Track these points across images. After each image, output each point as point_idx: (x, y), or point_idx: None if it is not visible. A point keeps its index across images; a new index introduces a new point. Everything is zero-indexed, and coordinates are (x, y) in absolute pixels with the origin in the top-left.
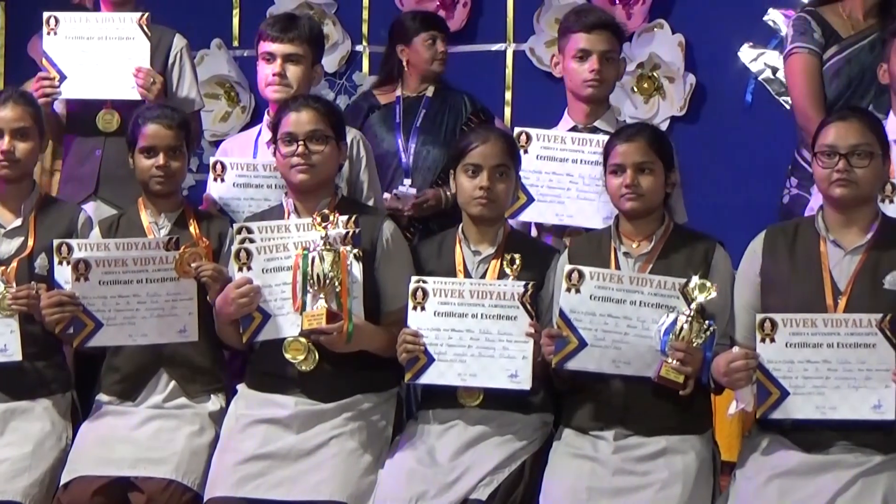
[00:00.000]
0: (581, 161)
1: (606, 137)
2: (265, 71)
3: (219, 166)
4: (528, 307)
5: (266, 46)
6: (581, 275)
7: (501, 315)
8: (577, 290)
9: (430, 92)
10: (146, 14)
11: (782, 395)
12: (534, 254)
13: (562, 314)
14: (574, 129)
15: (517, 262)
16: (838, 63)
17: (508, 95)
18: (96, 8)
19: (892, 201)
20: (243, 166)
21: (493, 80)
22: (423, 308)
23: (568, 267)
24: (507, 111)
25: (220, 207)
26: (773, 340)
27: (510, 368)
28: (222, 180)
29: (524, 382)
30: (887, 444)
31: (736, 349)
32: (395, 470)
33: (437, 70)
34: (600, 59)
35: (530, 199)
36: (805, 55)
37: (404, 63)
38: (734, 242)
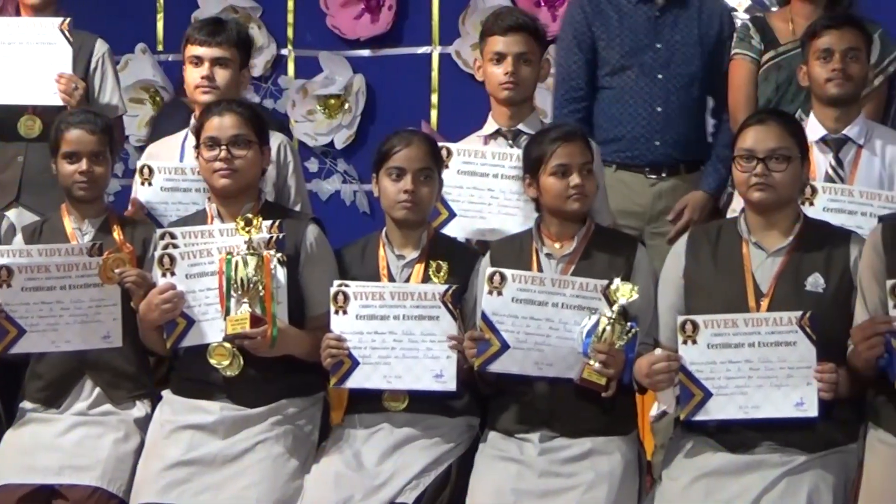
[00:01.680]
0: (502, 175)
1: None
2: (193, 74)
3: (146, 170)
4: (450, 307)
5: (193, 50)
6: (503, 277)
7: (424, 316)
8: (500, 293)
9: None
10: (68, 19)
11: (705, 396)
12: (458, 257)
13: (484, 317)
14: (498, 132)
15: (444, 269)
16: (768, 69)
17: (434, 98)
18: (17, 13)
19: (811, 203)
20: (171, 170)
21: (419, 82)
22: (344, 312)
23: (490, 270)
24: (434, 114)
25: (147, 212)
26: (694, 342)
27: (435, 369)
28: (150, 184)
29: (449, 382)
30: (811, 444)
31: (658, 351)
32: (321, 475)
33: None
34: (515, 61)
35: (452, 215)
36: (742, 61)
37: None
38: None
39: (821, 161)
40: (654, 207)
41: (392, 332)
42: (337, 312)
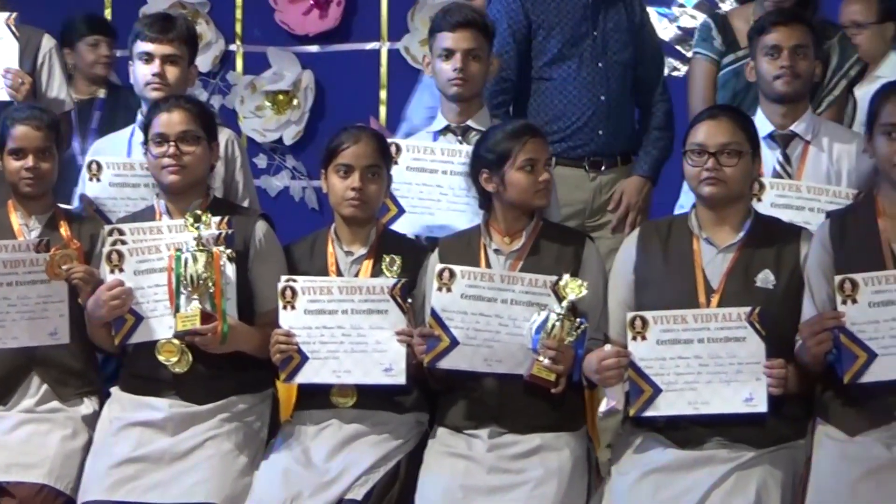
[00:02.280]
0: (451, 172)
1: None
2: (143, 71)
3: (94, 165)
4: (399, 300)
5: (143, 46)
6: (452, 274)
7: (372, 310)
8: (449, 289)
9: (101, 94)
10: (14, 14)
11: (654, 393)
12: (407, 253)
13: (433, 313)
14: (447, 128)
15: (397, 262)
16: (727, 75)
17: (383, 94)
18: None
19: (759, 199)
20: (120, 165)
21: (368, 78)
22: (293, 307)
23: (439, 266)
24: (383, 110)
25: (96, 207)
26: (644, 338)
27: (384, 362)
28: (98, 180)
29: (399, 376)
30: (760, 440)
31: (608, 347)
32: (270, 471)
33: (100, 73)
34: (464, 57)
35: (401, 211)
36: (703, 62)
37: (69, 66)
38: None
39: (768, 157)
40: (595, 202)
41: (341, 327)
42: (285, 308)
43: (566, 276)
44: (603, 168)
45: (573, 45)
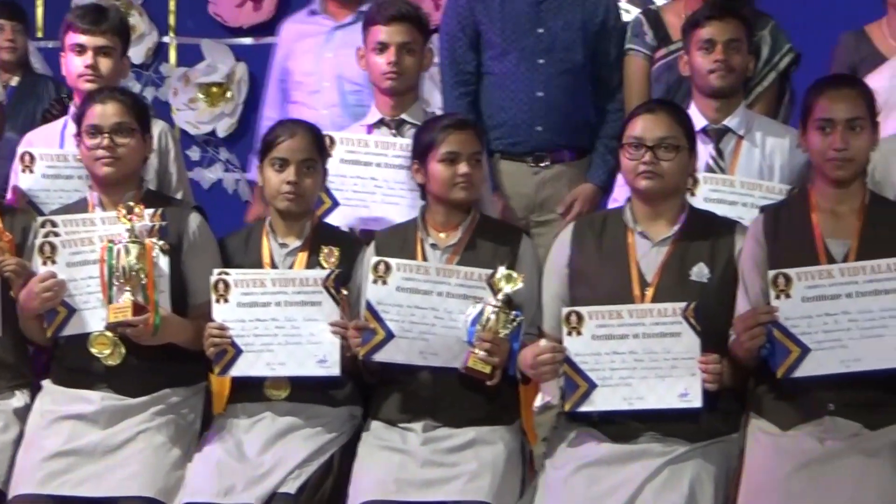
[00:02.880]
0: (385, 164)
1: (409, 141)
2: (75, 63)
3: (27, 157)
4: (332, 292)
5: (76, 38)
6: (388, 266)
7: (306, 302)
8: (384, 282)
9: (14, 81)
10: None
11: (590, 388)
12: (342, 246)
13: (369, 306)
14: (381, 121)
15: (335, 254)
16: (660, 69)
17: None
18: None
19: (693, 194)
20: (53, 157)
21: None
22: (226, 300)
23: (375, 259)
24: None
25: (29, 199)
26: (579, 333)
27: (318, 354)
28: (31, 171)
29: (333, 367)
30: (693, 434)
31: (543, 342)
32: (203, 464)
33: (6, 58)
34: (398, 51)
35: (335, 203)
36: (635, 58)
37: None
38: None
39: (702, 151)
40: (537, 196)
41: (274, 319)
42: (218, 301)
43: (501, 269)
44: (547, 163)
45: (514, 41)
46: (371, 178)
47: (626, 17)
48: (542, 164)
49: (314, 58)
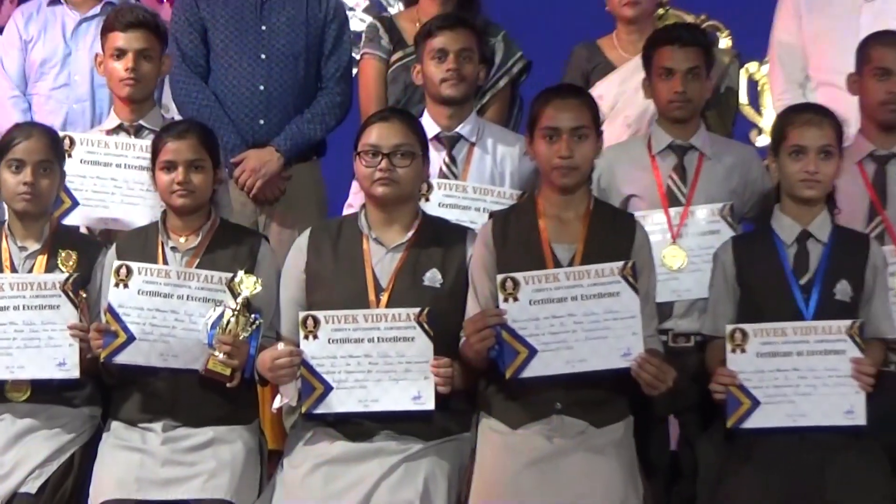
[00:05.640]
0: (126, 165)
1: (149, 143)
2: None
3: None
4: (71, 295)
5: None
6: (129, 270)
7: (45, 305)
8: (126, 285)
9: None
10: None
11: (326, 390)
12: (81, 248)
13: (110, 309)
14: (120, 126)
15: (73, 258)
16: (397, 70)
17: None
18: None
19: (427, 199)
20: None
21: None
22: None
23: (116, 262)
24: None
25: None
26: (315, 337)
27: (58, 357)
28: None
29: (72, 370)
30: (427, 433)
31: (280, 346)
32: None
33: None
34: (136, 57)
35: (75, 203)
36: (371, 60)
37: None
38: None
39: (435, 158)
40: None
41: (13, 323)
42: None
43: (241, 273)
44: None
45: (236, 38)
46: (111, 179)
47: (360, 26)
48: None
49: (61, 49)
